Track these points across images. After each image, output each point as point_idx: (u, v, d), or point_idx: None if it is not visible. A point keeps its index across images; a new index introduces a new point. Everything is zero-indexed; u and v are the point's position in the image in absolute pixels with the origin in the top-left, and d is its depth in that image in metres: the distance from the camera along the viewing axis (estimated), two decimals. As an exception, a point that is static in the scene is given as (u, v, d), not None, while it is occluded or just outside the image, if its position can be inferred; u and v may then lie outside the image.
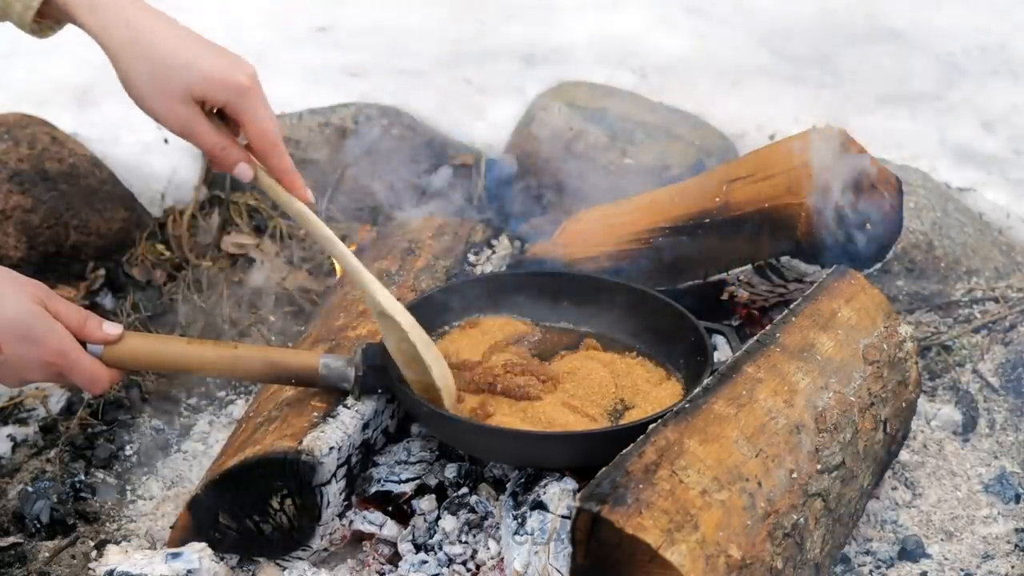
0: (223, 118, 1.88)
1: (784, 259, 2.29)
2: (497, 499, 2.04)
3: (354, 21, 3.78)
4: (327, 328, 2.27)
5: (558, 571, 1.86)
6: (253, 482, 1.93)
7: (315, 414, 2.00)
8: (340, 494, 2.00)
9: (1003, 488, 2.27)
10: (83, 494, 2.22)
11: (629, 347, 2.22)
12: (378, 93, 3.28)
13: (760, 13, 3.98)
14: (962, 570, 2.10)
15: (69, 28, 1.90)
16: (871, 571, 2.09)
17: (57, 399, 2.44)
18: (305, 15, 3.79)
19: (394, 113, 3.16)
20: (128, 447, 2.36)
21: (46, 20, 1.88)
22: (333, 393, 2.04)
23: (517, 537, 1.90)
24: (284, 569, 2.02)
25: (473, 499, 2.03)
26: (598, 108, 3.14)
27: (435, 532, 2.01)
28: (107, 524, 2.19)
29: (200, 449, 2.38)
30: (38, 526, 2.15)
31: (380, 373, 2.02)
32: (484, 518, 2.01)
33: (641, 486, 1.69)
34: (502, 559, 1.95)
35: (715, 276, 2.39)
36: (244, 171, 1.88)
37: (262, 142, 1.87)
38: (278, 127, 1.88)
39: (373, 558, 2.04)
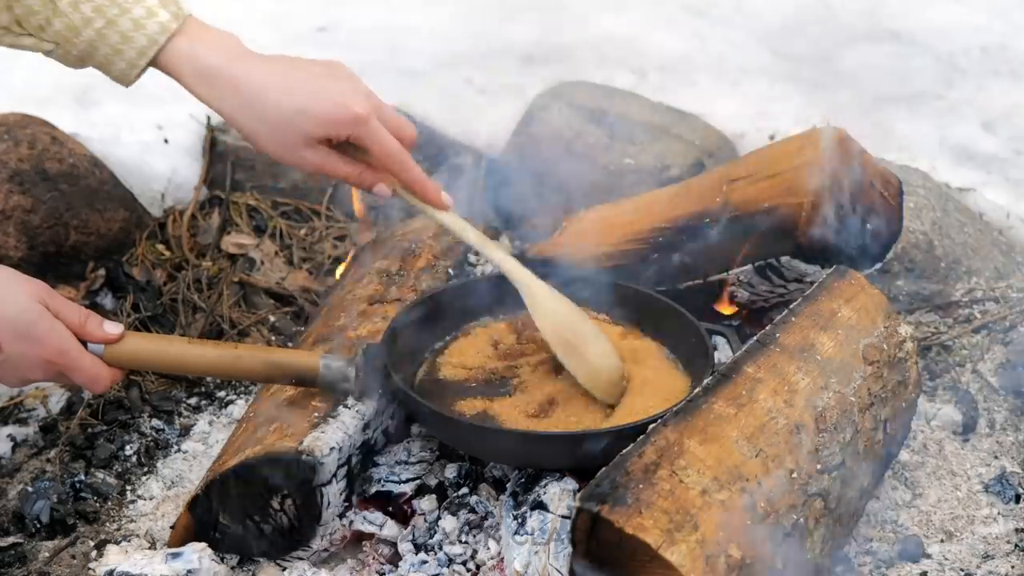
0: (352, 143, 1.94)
1: (784, 259, 2.29)
2: (497, 499, 2.04)
3: (354, 21, 3.78)
4: (327, 328, 2.27)
5: (558, 571, 1.86)
6: (253, 482, 1.93)
7: (315, 414, 2.00)
8: (340, 494, 2.00)
9: (1003, 488, 2.27)
10: (83, 494, 2.22)
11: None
12: (378, 93, 3.27)
13: (760, 13, 3.98)
14: (962, 570, 2.10)
15: None
16: (871, 571, 2.09)
17: (57, 399, 2.44)
18: (305, 15, 3.79)
19: (394, 113, 3.16)
20: (128, 447, 2.36)
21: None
22: (333, 393, 2.04)
23: (517, 537, 1.90)
24: (284, 569, 2.02)
25: (473, 499, 2.03)
26: (598, 108, 3.13)
27: (435, 532, 2.02)
28: (107, 524, 2.19)
29: (200, 449, 2.38)
30: (38, 526, 2.15)
31: (381, 373, 2.02)
32: (484, 518, 2.01)
33: (641, 486, 1.69)
34: (502, 559, 1.95)
35: (715, 276, 2.39)
36: (382, 191, 1.99)
37: (389, 162, 1.96)
38: (399, 146, 1.95)
39: (373, 558, 2.04)
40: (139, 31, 1.86)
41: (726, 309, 2.41)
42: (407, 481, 2.07)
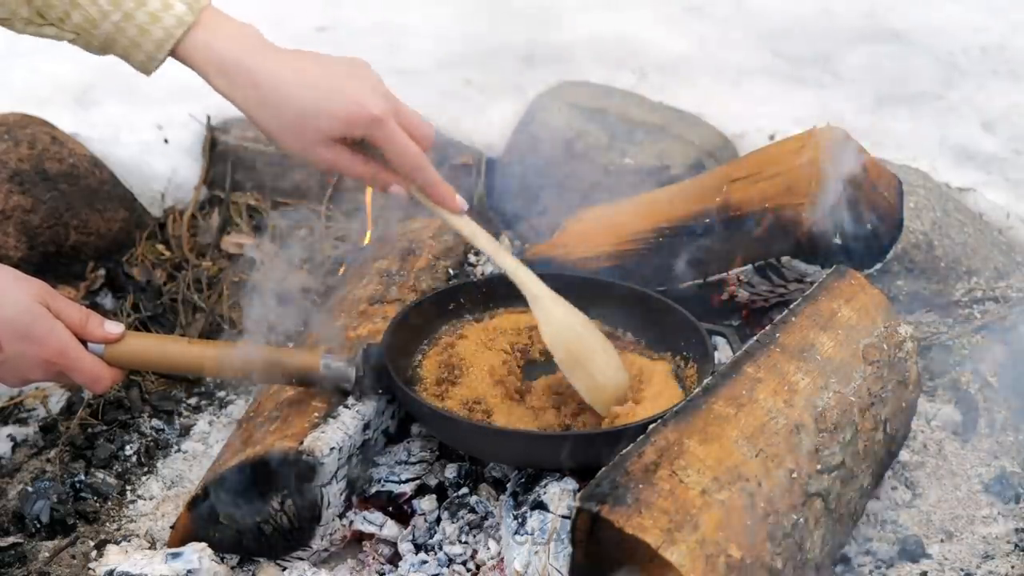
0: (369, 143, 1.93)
1: (784, 259, 2.29)
2: (497, 499, 2.04)
3: (354, 21, 3.78)
4: (327, 328, 2.27)
5: (558, 571, 1.86)
6: (253, 482, 1.93)
7: (316, 414, 2.00)
8: (340, 494, 2.00)
9: (1003, 488, 2.27)
10: (83, 494, 2.23)
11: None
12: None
13: (760, 13, 3.98)
14: (962, 570, 2.10)
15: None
16: (871, 571, 2.09)
17: (57, 399, 2.44)
18: (305, 15, 3.79)
19: (394, 113, 3.16)
20: (128, 447, 2.36)
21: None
22: (333, 393, 2.04)
23: (517, 537, 1.90)
24: (284, 569, 2.02)
25: (473, 499, 2.03)
26: (598, 108, 3.14)
27: (435, 532, 2.02)
28: (107, 524, 2.19)
29: (200, 449, 2.38)
30: (38, 526, 2.15)
31: (381, 373, 2.02)
32: (484, 518, 2.02)
33: (641, 486, 1.69)
34: (502, 559, 1.95)
35: (715, 276, 2.39)
36: (397, 192, 1.98)
37: (404, 164, 1.94)
38: (415, 148, 1.94)
39: (373, 558, 2.04)
40: (155, 24, 1.85)
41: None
42: (407, 481, 2.07)
